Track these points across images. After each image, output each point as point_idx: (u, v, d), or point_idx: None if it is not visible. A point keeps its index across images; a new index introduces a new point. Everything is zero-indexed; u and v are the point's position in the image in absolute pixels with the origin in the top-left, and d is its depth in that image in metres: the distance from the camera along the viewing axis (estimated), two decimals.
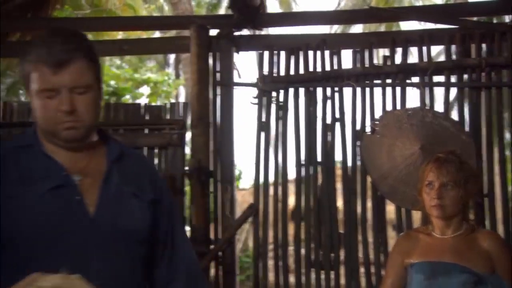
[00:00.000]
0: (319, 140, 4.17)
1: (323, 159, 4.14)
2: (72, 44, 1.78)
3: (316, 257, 4.01)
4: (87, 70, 1.80)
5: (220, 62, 4.33)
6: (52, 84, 1.77)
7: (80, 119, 1.81)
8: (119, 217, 1.81)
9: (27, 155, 1.88)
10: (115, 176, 1.89)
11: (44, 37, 1.83)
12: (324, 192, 4.08)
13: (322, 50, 4.27)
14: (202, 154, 4.12)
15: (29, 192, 1.81)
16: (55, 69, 1.75)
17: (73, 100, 1.78)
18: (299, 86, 4.23)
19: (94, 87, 1.83)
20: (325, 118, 4.18)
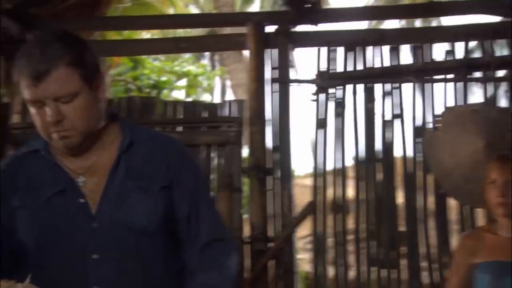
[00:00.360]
0: (378, 137, 4.14)
1: (382, 156, 4.11)
2: (51, 53, 1.72)
3: (377, 254, 3.98)
4: (69, 77, 1.73)
5: (277, 59, 4.33)
6: (35, 96, 1.72)
7: (71, 127, 1.76)
8: (121, 214, 1.76)
9: (35, 161, 1.87)
10: (121, 171, 1.84)
11: (26, 46, 1.77)
12: (384, 189, 4.05)
13: (381, 46, 4.24)
14: (259, 152, 4.14)
15: (35, 199, 1.81)
16: (35, 81, 1.70)
17: (60, 109, 1.73)
18: (357, 83, 4.21)
19: (83, 92, 1.76)
20: (384, 115, 4.15)
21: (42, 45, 1.73)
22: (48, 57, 1.71)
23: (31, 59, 1.70)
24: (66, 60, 1.72)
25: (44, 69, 1.69)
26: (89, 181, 1.83)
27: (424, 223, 4.00)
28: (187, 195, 1.87)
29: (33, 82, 1.70)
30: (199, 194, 1.91)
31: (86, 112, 1.77)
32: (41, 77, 1.69)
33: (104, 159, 1.86)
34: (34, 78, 1.69)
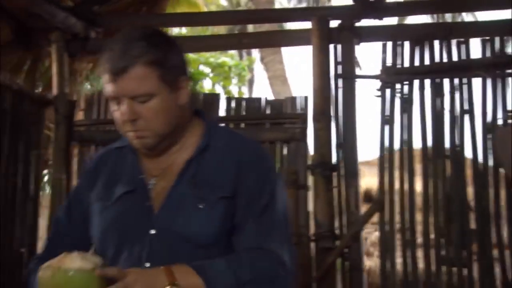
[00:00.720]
0: (446, 133, 4.07)
1: (451, 153, 4.04)
2: (133, 50, 1.69)
3: (447, 253, 3.92)
4: (147, 77, 1.71)
5: (341, 54, 4.30)
6: (112, 92, 1.72)
7: (146, 128, 1.74)
8: (177, 224, 1.72)
9: (122, 157, 1.89)
10: (187, 177, 1.79)
11: (112, 41, 1.74)
12: (453, 186, 3.98)
13: (449, 40, 4.17)
14: (325, 149, 4.11)
15: (108, 196, 1.82)
16: (113, 77, 1.69)
17: (135, 109, 1.72)
18: (424, 78, 4.15)
19: (161, 93, 1.73)
20: (453, 111, 4.09)
21: (126, 41, 1.72)
22: (128, 54, 1.69)
23: (112, 54, 1.69)
24: (146, 59, 1.70)
25: (122, 65, 1.68)
26: (159, 184, 1.82)
27: (495, 220, 3.91)
28: (249, 205, 1.77)
29: (111, 78, 1.69)
30: (262, 205, 1.78)
31: (163, 114, 1.75)
32: (119, 74, 1.68)
33: (178, 162, 1.83)
34: (112, 74, 1.69)
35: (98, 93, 4.76)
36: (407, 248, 4.01)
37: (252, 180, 1.79)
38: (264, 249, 1.73)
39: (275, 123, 4.34)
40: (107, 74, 1.70)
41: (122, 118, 1.72)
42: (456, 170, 4.01)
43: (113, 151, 1.91)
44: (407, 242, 4.01)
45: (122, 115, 1.72)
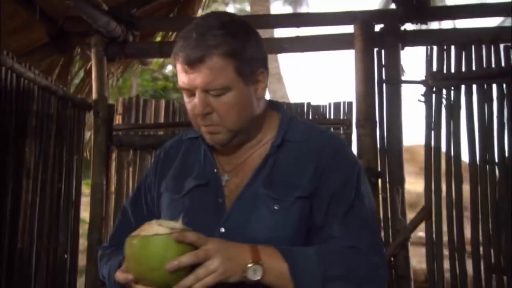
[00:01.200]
0: (495, 140, 4.03)
1: (500, 160, 4.00)
2: (209, 39, 1.59)
3: (497, 261, 3.88)
4: (223, 69, 1.61)
5: (385, 59, 4.28)
6: (185, 83, 1.64)
7: (219, 123, 1.67)
8: (247, 225, 1.64)
9: (193, 148, 1.84)
10: (262, 175, 1.71)
11: (188, 28, 1.65)
12: (503, 193, 3.94)
13: (497, 45, 4.14)
14: (370, 155, 4.09)
15: (179, 187, 1.78)
16: (187, 67, 1.61)
17: (208, 102, 1.64)
18: (472, 83, 4.12)
19: (237, 86, 1.64)
20: (502, 117, 4.05)
21: (202, 29, 1.62)
22: (204, 44, 1.59)
23: (187, 43, 1.61)
24: (223, 49, 1.60)
25: (198, 56, 1.59)
26: (232, 180, 1.75)
27: None
28: (332, 205, 1.68)
29: (185, 68, 1.62)
30: (348, 204, 1.68)
31: (237, 109, 1.66)
32: (193, 64, 1.60)
33: (254, 158, 1.76)
34: (186, 64, 1.61)
35: (136, 97, 4.77)
36: (455, 256, 3.97)
37: (334, 179, 1.69)
38: (356, 247, 1.63)
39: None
40: (180, 63, 1.62)
41: (195, 111, 1.66)
42: (505, 177, 3.97)
43: (184, 142, 1.86)
44: (456, 250, 3.97)
45: (195, 108, 1.65)
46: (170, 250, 1.44)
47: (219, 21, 1.64)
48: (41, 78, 3.50)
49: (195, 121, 1.69)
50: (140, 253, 1.45)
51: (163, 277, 1.43)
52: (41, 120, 3.54)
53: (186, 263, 1.44)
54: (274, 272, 1.53)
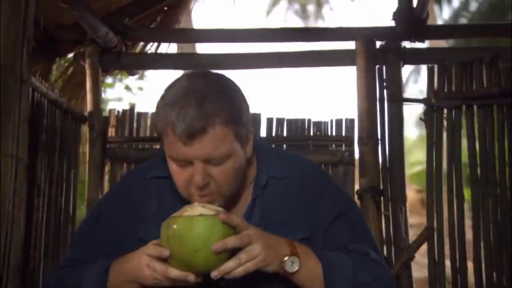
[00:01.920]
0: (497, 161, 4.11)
1: (501, 180, 4.08)
2: (208, 107, 1.52)
3: (499, 281, 3.95)
4: (225, 138, 1.55)
5: (387, 76, 4.33)
6: (182, 156, 1.56)
7: (216, 191, 1.62)
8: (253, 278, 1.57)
9: (165, 189, 1.73)
10: (256, 217, 1.68)
11: (177, 93, 1.55)
12: (504, 214, 4.02)
13: (496, 65, 4.22)
14: (373, 173, 4.13)
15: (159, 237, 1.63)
16: (186, 139, 1.52)
17: (208, 171, 1.57)
18: (473, 103, 4.19)
19: (236, 152, 1.59)
20: (503, 137, 4.13)
21: (196, 95, 1.53)
22: (204, 112, 1.51)
23: (185, 112, 1.51)
24: (224, 117, 1.54)
25: (200, 127, 1.51)
26: None
27: None
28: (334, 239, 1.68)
29: (184, 140, 1.53)
30: (348, 233, 1.71)
31: (235, 175, 1.62)
32: (195, 136, 1.52)
33: (240, 202, 1.73)
34: (186, 136, 1.52)
35: (130, 109, 4.72)
36: (458, 276, 4.03)
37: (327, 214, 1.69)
38: (372, 258, 1.67)
39: (318, 145, 4.34)
40: (176, 135, 1.52)
41: (191, 181, 1.58)
42: (506, 197, 4.05)
43: (153, 182, 1.75)
44: (458, 271, 4.03)
45: (190, 178, 1.57)
46: (216, 231, 1.43)
47: (210, 84, 1.57)
48: (51, 92, 3.44)
49: (186, 190, 1.61)
50: (183, 234, 1.43)
51: (205, 259, 1.42)
52: (49, 135, 3.47)
53: (232, 246, 1.44)
54: (308, 269, 1.55)
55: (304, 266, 1.54)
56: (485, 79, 4.22)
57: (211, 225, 1.44)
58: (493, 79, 4.22)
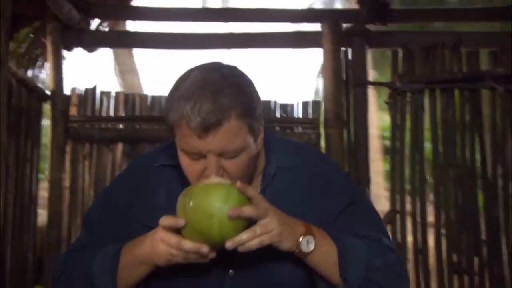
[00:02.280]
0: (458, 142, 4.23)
1: (462, 163, 4.20)
2: (223, 100, 1.49)
3: (459, 262, 4.08)
4: (239, 131, 1.52)
5: (352, 59, 4.38)
6: (196, 149, 1.53)
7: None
8: (259, 265, 1.58)
9: (172, 177, 1.71)
10: None
11: (190, 85, 1.52)
12: (465, 196, 4.14)
13: (459, 49, 4.32)
14: (338, 155, 4.18)
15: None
16: (201, 132, 1.49)
17: (221, 164, 1.55)
18: (436, 87, 4.28)
19: (249, 145, 1.57)
20: (464, 121, 4.24)
21: (211, 88, 1.51)
22: (219, 106, 1.49)
23: (200, 105, 1.48)
24: (238, 110, 1.51)
25: (215, 120, 1.48)
26: None
27: (505, 230, 4.10)
28: (345, 229, 1.65)
29: (198, 133, 1.49)
30: (359, 221, 1.69)
31: (247, 167, 1.60)
32: (210, 129, 1.49)
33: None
34: (201, 129, 1.49)
35: (93, 88, 4.65)
36: (419, 255, 4.14)
37: (337, 203, 1.68)
38: (385, 244, 1.66)
39: (284, 127, 4.38)
40: (191, 128, 1.49)
41: (204, 173, 1.54)
42: (467, 180, 4.17)
43: (158, 169, 1.73)
44: (419, 250, 4.14)
45: (202, 170, 1.54)
46: (231, 199, 1.44)
47: (224, 76, 1.54)
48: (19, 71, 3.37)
49: (199, 181, 1.55)
50: (199, 200, 1.44)
51: (219, 225, 1.42)
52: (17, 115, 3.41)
53: (248, 215, 1.44)
54: (323, 250, 1.54)
55: (319, 246, 1.53)
56: (448, 63, 4.31)
57: (226, 193, 1.45)
58: (455, 63, 4.31)
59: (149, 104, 4.59)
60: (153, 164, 1.75)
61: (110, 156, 4.51)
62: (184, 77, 1.56)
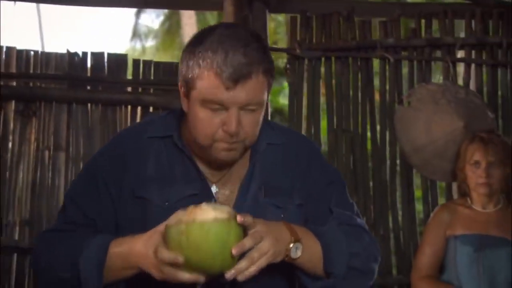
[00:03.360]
0: (351, 109, 4.48)
1: (354, 129, 4.47)
2: (255, 55, 1.58)
3: None
4: (263, 85, 1.62)
5: (252, 25, 4.47)
6: (222, 100, 1.58)
7: (242, 140, 1.66)
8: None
9: (165, 149, 1.76)
10: (254, 183, 1.75)
11: (223, 39, 1.59)
12: (357, 161, 4.43)
13: (352, 18, 4.54)
14: None
15: (165, 196, 1.71)
16: (230, 83, 1.56)
17: (241, 119, 1.61)
18: (331, 55, 4.49)
19: (264, 103, 1.66)
20: (357, 88, 4.50)
21: (242, 43, 1.58)
22: (251, 60, 1.57)
23: (232, 56, 1.56)
24: (265, 66, 1.61)
25: (246, 72, 1.56)
26: (220, 192, 1.76)
27: (390, 194, 4.44)
28: (321, 214, 1.77)
29: (227, 84, 1.56)
30: (336, 201, 1.82)
31: (259, 126, 1.68)
32: (240, 81, 1.56)
33: (238, 168, 1.77)
34: (231, 80, 1.56)
35: None
36: None
37: (322, 189, 1.80)
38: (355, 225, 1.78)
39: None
40: (222, 78, 1.55)
41: (224, 128, 1.61)
42: (359, 145, 4.46)
43: (148, 140, 1.77)
44: None
45: (226, 125, 1.60)
46: (232, 234, 1.46)
47: (250, 35, 1.63)
48: None
49: (214, 136, 1.64)
50: (200, 241, 1.44)
51: (221, 262, 1.46)
52: None
53: (249, 247, 1.48)
54: (309, 251, 1.63)
55: (306, 249, 1.60)
56: (343, 32, 4.52)
57: (226, 231, 1.46)
58: (349, 32, 4.53)
59: (44, 61, 4.44)
60: (141, 136, 1.78)
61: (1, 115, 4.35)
62: (205, 33, 1.63)
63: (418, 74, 4.53)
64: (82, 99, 4.27)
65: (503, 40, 4.53)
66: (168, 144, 1.75)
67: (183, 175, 1.74)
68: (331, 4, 4.65)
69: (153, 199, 1.71)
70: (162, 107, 4.25)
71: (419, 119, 4.25)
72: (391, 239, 4.42)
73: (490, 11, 4.59)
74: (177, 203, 1.68)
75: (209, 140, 1.65)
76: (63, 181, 4.21)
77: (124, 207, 1.72)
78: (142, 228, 1.66)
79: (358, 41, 4.50)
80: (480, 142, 3.68)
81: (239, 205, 1.72)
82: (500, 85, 4.57)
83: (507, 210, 3.68)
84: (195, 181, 1.74)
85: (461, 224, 3.68)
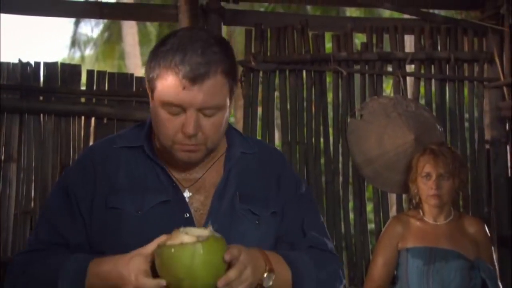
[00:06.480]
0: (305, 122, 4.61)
1: (308, 141, 4.60)
2: (212, 56, 1.61)
3: None
4: (222, 87, 1.64)
5: None
6: (179, 100, 1.61)
7: (202, 142, 1.69)
8: (228, 241, 1.62)
9: (135, 159, 1.80)
10: (230, 189, 1.79)
11: (181, 38, 1.63)
12: (311, 172, 4.56)
13: (306, 32, 4.68)
14: None
15: (137, 204, 1.75)
16: (187, 83, 1.59)
17: (199, 121, 1.64)
18: (286, 68, 4.62)
19: (226, 106, 1.67)
20: (311, 101, 4.64)
21: (201, 44, 1.61)
22: (208, 60, 1.59)
23: (190, 55, 1.58)
24: (224, 67, 1.63)
25: (203, 71, 1.58)
26: (195, 197, 1.79)
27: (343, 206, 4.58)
28: (295, 223, 1.84)
29: (184, 84, 1.58)
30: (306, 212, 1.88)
31: (221, 129, 1.71)
32: (197, 80, 1.58)
33: (211, 174, 1.81)
34: (189, 79, 1.58)
35: None
36: None
37: (295, 199, 1.87)
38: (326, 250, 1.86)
39: (141, 101, 4.47)
40: (178, 77, 1.58)
41: (181, 129, 1.64)
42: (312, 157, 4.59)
43: (117, 150, 1.82)
44: None
45: (184, 126, 1.63)
46: (196, 259, 1.51)
47: (212, 37, 1.68)
48: None
49: (172, 138, 1.68)
50: (168, 263, 1.52)
51: (191, 286, 1.53)
52: None
53: (233, 279, 1.54)
54: (281, 278, 1.69)
55: (277, 276, 1.66)
56: (297, 45, 4.66)
57: (191, 255, 1.51)
58: (303, 45, 4.67)
59: None
60: (111, 147, 1.82)
61: None
62: (169, 35, 1.68)
63: (370, 88, 4.69)
64: (35, 109, 4.27)
65: (451, 55, 4.74)
66: (139, 154, 1.80)
67: (155, 183, 1.79)
68: (285, 17, 4.80)
69: (126, 209, 1.75)
70: (116, 118, 4.30)
71: (371, 132, 4.43)
72: (344, 250, 4.56)
73: (439, 27, 4.80)
74: (149, 211, 1.74)
75: (169, 141, 1.70)
76: (14, 192, 4.19)
77: (98, 219, 1.75)
78: (117, 239, 1.72)
79: (312, 55, 4.65)
80: (431, 154, 3.87)
81: (215, 210, 1.77)
82: (448, 99, 4.76)
83: (458, 222, 3.85)
84: (167, 188, 1.78)
85: (412, 237, 3.85)
